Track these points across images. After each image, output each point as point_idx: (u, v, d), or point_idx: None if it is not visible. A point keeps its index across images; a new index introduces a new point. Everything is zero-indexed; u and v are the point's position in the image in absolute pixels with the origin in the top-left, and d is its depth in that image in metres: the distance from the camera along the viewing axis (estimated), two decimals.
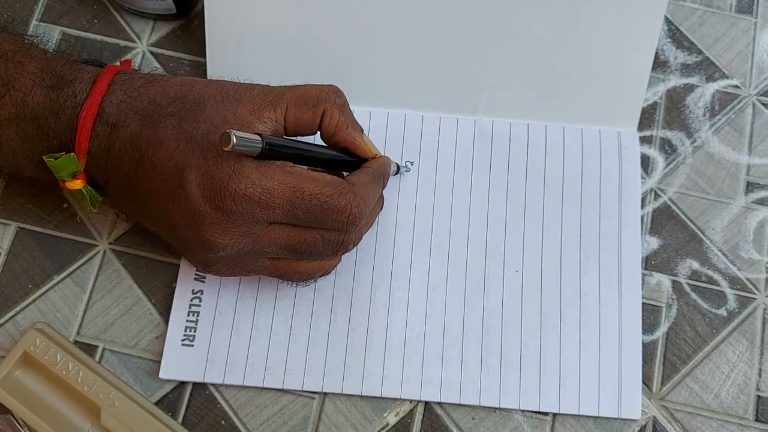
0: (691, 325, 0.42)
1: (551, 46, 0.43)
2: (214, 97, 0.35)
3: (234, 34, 0.43)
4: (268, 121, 0.35)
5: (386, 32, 0.43)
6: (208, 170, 0.33)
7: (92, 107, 0.35)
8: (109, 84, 0.35)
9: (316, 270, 0.38)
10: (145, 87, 0.36)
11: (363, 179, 0.37)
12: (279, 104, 0.35)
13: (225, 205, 0.33)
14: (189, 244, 0.35)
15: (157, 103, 0.35)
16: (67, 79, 0.35)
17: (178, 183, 0.33)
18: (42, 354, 0.39)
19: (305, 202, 0.33)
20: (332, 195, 0.34)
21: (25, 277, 0.42)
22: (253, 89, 0.36)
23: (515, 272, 0.41)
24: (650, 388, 0.41)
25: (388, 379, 0.39)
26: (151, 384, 0.40)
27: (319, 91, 0.36)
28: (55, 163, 0.35)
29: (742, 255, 0.43)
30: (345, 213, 0.34)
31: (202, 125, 0.34)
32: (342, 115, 0.37)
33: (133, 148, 0.34)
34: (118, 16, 0.47)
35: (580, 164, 0.43)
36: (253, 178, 0.33)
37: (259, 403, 0.40)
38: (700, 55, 0.47)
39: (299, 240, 0.35)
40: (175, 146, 0.34)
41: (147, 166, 0.34)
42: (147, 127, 0.34)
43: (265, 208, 0.33)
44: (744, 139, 0.45)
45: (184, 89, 0.36)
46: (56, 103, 0.35)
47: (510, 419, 0.40)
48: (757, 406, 0.41)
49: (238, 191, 0.32)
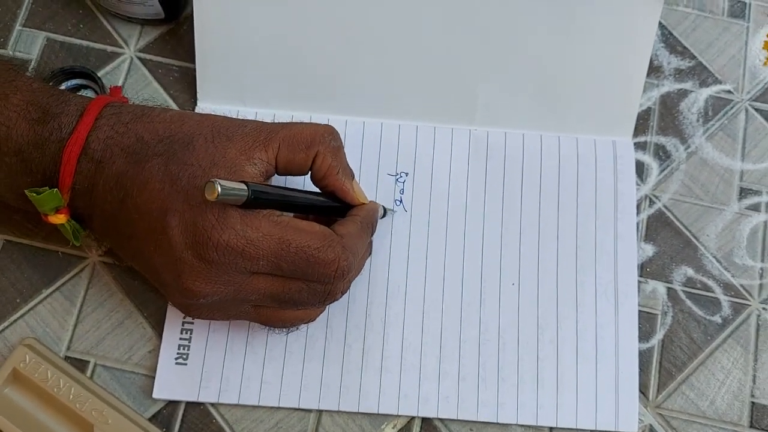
0: (686, 332, 0.42)
1: (546, 56, 0.43)
2: (204, 136, 0.34)
3: (224, 40, 0.42)
4: (259, 162, 0.33)
5: (380, 40, 0.42)
6: (192, 217, 0.32)
7: (77, 143, 0.33)
8: (96, 118, 0.34)
9: (300, 318, 0.37)
10: (134, 123, 0.34)
11: (351, 230, 0.35)
12: (271, 144, 0.34)
13: (207, 254, 0.32)
14: (169, 289, 0.34)
15: (144, 141, 0.34)
16: (53, 113, 0.34)
17: (160, 227, 0.32)
18: (32, 371, 0.38)
19: (291, 255, 0.32)
20: (319, 248, 0.33)
21: (13, 291, 0.41)
22: (245, 126, 0.35)
23: (512, 285, 0.41)
24: (646, 396, 0.41)
25: (385, 395, 0.39)
26: (144, 400, 0.39)
27: (313, 133, 0.35)
28: (37, 198, 0.34)
29: (736, 261, 0.43)
30: (332, 267, 0.33)
31: (189, 168, 0.33)
32: (334, 159, 0.36)
33: (118, 187, 0.33)
34: (105, 21, 0.46)
35: (576, 175, 0.43)
36: (238, 228, 0.32)
37: (255, 418, 0.39)
38: (693, 60, 0.47)
39: (283, 290, 0.34)
40: (159, 188, 0.33)
41: (130, 205, 0.33)
42: (132, 166, 0.33)
43: (248, 259, 0.32)
44: (737, 144, 0.46)
45: (174, 127, 0.34)
46: (41, 137, 0.34)
47: (508, 430, 0.40)
48: (751, 412, 0.41)
49: (221, 241, 0.31)
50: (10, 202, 0.37)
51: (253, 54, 0.43)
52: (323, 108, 0.43)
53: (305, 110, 0.44)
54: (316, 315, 0.38)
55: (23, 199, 0.35)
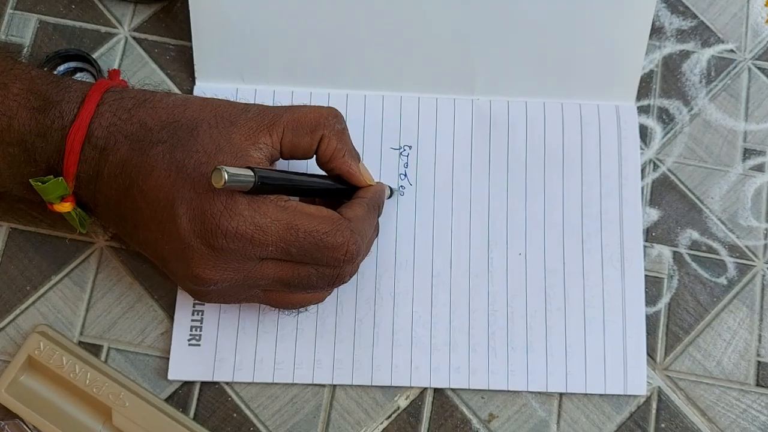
0: (693, 294, 0.42)
1: (547, 21, 0.42)
2: (208, 121, 0.33)
3: (220, 16, 0.42)
4: (264, 147, 0.33)
5: (378, 12, 0.42)
6: (199, 205, 0.32)
7: (80, 130, 0.33)
8: (97, 104, 0.34)
9: (309, 300, 0.37)
10: (136, 109, 0.34)
11: (359, 213, 0.35)
12: (275, 128, 0.34)
13: (216, 242, 0.32)
14: (178, 276, 0.34)
15: (148, 128, 0.33)
16: (54, 100, 0.34)
17: (168, 216, 0.32)
18: (47, 358, 0.38)
19: (300, 240, 0.32)
20: (328, 232, 0.33)
21: (22, 279, 0.41)
22: (248, 111, 0.34)
23: (518, 255, 0.41)
24: (654, 359, 0.41)
25: (397, 368, 0.40)
26: (159, 381, 0.40)
27: (317, 116, 0.35)
28: (42, 187, 0.34)
29: (740, 223, 0.44)
30: (341, 251, 0.33)
31: (195, 155, 0.32)
32: (339, 142, 0.35)
33: (123, 174, 0.33)
34: (97, 1, 0.45)
35: (580, 142, 0.43)
36: (246, 215, 0.32)
37: (270, 394, 0.40)
38: (695, 20, 0.46)
39: (293, 275, 0.34)
40: (165, 176, 0.32)
41: (136, 194, 0.33)
42: (137, 153, 0.33)
43: (257, 246, 0.32)
44: (740, 105, 0.45)
45: (177, 112, 0.34)
46: (43, 126, 0.33)
47: (519, 396, 0.40)
48: (757, 371, 0.42)
49: (229, 228, 0.31)
50: (14, 192, 0.36)
51: (250, 30, 0.42)
52: (323, 83, 0.43)
53: (305, 85, 0.43)
54: (324, 296, 0.38)
55: (28, 188, 0.35)
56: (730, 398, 0.41)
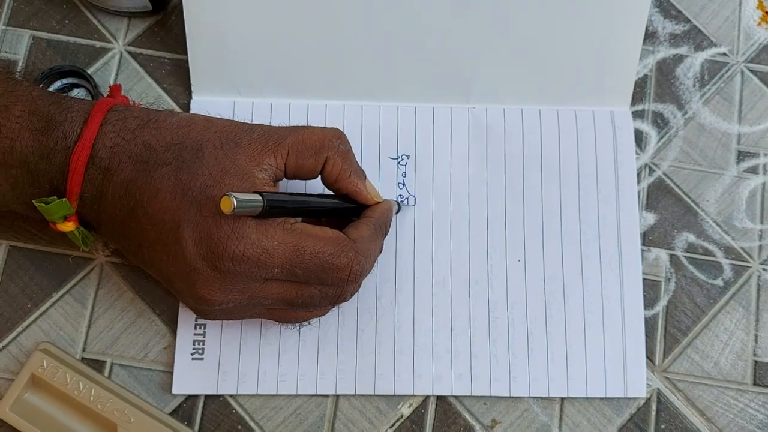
0: (690, 297, 0.43)
1: (541, 28, 0.42)
2: (213, 143, 0.34)
3: (216, 29, 0.42)
4: (268, 168, 0.34)
5: (373, 23, 0.42)
6: (206, 228, 0.32)
7: (84, 151, 0.33)
8: (101, 124, 0.34)
9: (311, 315, 0.37)
10: (140, 129, 0.34)
11: (364, 233, 0.36)
12: (280, 149, 0.34)
13: (222, 265, 0.32)
14: (183, 295, 0.34)
15: (152, 148, 0.33)
16: (56, 121, 0.34)
17: (173, 238, 0.32)
18: (51, 375, 0.38)
19: (306, 262, 0.33)
20: (333, 254, 0.33)
21: (23, 297, 0.41)
22: (253, 132, 0.34)
23: (518, 261, 0.42)
24: (653, 361, 0.42)
25: (399, 377, 0.40)
26: (163, 395, 0.40)
27: (322, 138, 0.35)
28: (46, 208, 0.34)
29: (735, 224, 0.44)
30: (346, 271, 0.34)
31: (200, 177, 0.33)
32: (345, 163, 0.36)
33: (127, 195, 0.33)
34: (90, 15, 0.45)
35: (576, 148, 0.43)
36: (253, 238, 0.32)
37: (274, 406, 0.40)
38: (687, 24, 0.47)
39: (296, 294, 0.34)
40: (171, 198, 0.32)
41: (141, 215, 0.33)
42: (142, 174, 0.33)
43: (263, 268, 0.32)
44: (734, 108, 0.46)
45: (181, 133, 0.34)
46: (46, 147, 0.33)
47: (521, 402, 0.41)
48: (754, 370, 0.42)
49: (236, 252, 0.31)
50: (17, 211, 0.36)
51: (246, 42, 0.42)
52: (320, 94, 0.43)
53: (302, 97, 0.43)
54: (327, 311, 0.38)
55: (31, 208, 0.35)
56: (728, 398, 0.42)
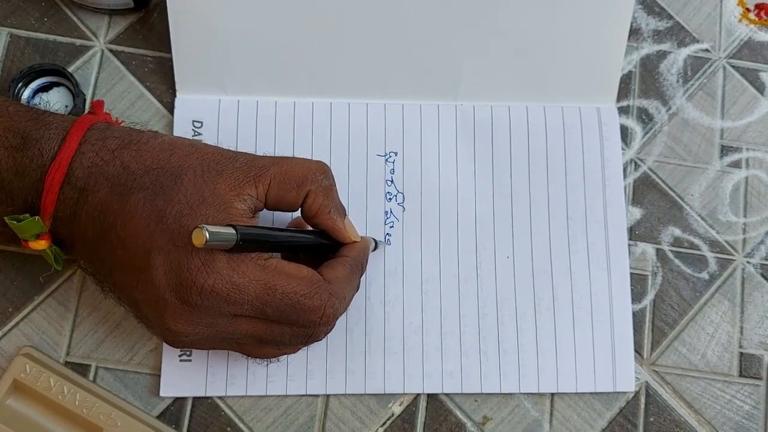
0: (676, 290, 0.43)
1: (527, 26, 0.42)
2: (194, 169, 0.33)
3: (200, 26, 0.41)
4: (248, 198, 0.33)
5: (359, 20, 0.42)
6: (177, 258, 0.31)
7: (60, 170, 0.32)
8: (79, 143, 0.33)
9: (281, 353, 0.36)
10: (120, 150, 0.33)
11: (340, 274, 0.35)
12: (262, 180, 0.33)
13: (190, 298, 0.31)
14: (150, 324, 0.34)
15: (131, 171, 0.32)
16: (32, 138, 0.32)
17: (144, 264, 0.31)
18: (34, 380, 0.37)
19: (276, 301, 0.32)
20: (306, 294, 0.32)
21: (4, 301, 0.40)
22: (236, 160, 0.34)
23: (506, 258, 0.42)
24: (641, 355, 0.42)
25: (390, 375, 0.40)
26: (150, 398, 0.39)
27: (305, 171, 0.34)
28: (18, 226, 0.33)
29: (720, 218, 0.45)
30: (318, 313, 0.33)
31: (176, 205, 0.31)
32: (326, 198, 0.35)
33: (102, 217, 0.32)
34: (70, 13, 0.44)
35: (563, 144, 0.43)
36: (224, 273, 0.31)
37: (264, 407, 0.40)
38: (670, 20, 0.47)
39: (266, 332, 0.33)
40: (145, 225, 0.31)
41: (114, 238, 0.32)
42: (117, 198, 0.32)
43: (233, 304, 0.31)
44: (716, 103, 0.46)
45: (162, 157, 0.33)
46: (21, 164, 0.32)
47: (511, 398, 0.41)
48: (740, 362, 0.43)
49: (206, 286, 0.31)
50: None
51: (231, 39, 0.42)
52: (307, 92, 0.43)
53: (289, 95, 0.43)
54: (298, 350, 0.37)
55: (2, 224, 0.33)
56: (715, 390, 0.42)
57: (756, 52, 0.47)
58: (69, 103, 0.42)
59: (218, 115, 0.42)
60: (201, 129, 0.42)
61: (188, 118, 0.42)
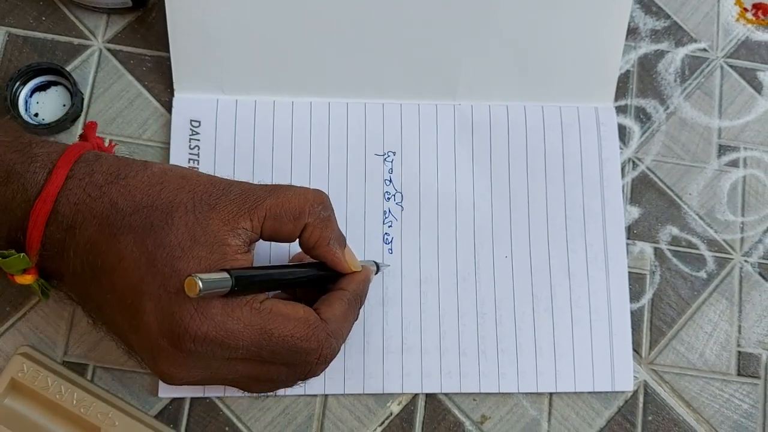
0: (674, 289, 0.43)
1: (525, 26, 0.42)
2: (185, 205, 0.31)
3: (198, 25, 0.41)
4: (243, 233, 0.32)
5: (358, 20, 0.42)
6: (168, 304, 0.30)
7: (45, 206, 0.31)
8: (66, 177, 0.31)
9: (277, 388, 0.36)
10: (108, 186, 0.32)
11: (338, 311, 0.34)
12: (257, 212, 0.32)
13: (184, 345, 0.30)
14: (145, 363, 0.33)
15: (119, 209, 0.31)
16: (17, 171, 0.31)
17: (135, 309, 0.30)
18: (31, 380, 0.37)
19: (272, 344, 0.31)
20: (302, 337, 0.31)
21: (2, 300, 0.40)
22: (230, 191, 0.32)
23: (505, 258, 0.42)
24: (639, 354, 0.42)
25: (388, 375, 0.40)
26: (148, 398, 0.39)
27: (302, 203, 0.33)
28: (3, 261, 0.32)
29: (718, 217, 0.45)
30: (315, 355, 0.32)
31: (167, 248, 0.30)
32: (324, 230, 0.34)
33: (90, 256, 0.31)
34: (68, 12, 0.44)
35: (561, 144, 0.43)
36: (218, 320, 0.30)
37: (262, 407, 0.40)
38: (668, 20, 0.47)
39: (262, 372, 0.33)
40: (135, 267, 0.30)
41: (103, 279, 0.31)
42: (106, 237, 0.31)
43: (227, 349, 0.31)
44: (714, 102, 0.46)
45: (152, 192, 0.32)
46: (4, 198, 0.31)
47: (510, 397, 0.41)
48: (738, 360, 0.43)
49: (199, 333, 0.30)
50: None
51: (229, 39, 0.41)
52: (305, 92, 0.43)
53: (287, 95, 0.43)
54: (293, 385, 0.36)
55: None
56: (714, 389, 0.42)
57: (753, 51, 0.47)
58: (67, 102, 0.42)
59: (216, 115, 0.42)
60: (199, 128, 0.42)
61: (186, 118, 0.42)
